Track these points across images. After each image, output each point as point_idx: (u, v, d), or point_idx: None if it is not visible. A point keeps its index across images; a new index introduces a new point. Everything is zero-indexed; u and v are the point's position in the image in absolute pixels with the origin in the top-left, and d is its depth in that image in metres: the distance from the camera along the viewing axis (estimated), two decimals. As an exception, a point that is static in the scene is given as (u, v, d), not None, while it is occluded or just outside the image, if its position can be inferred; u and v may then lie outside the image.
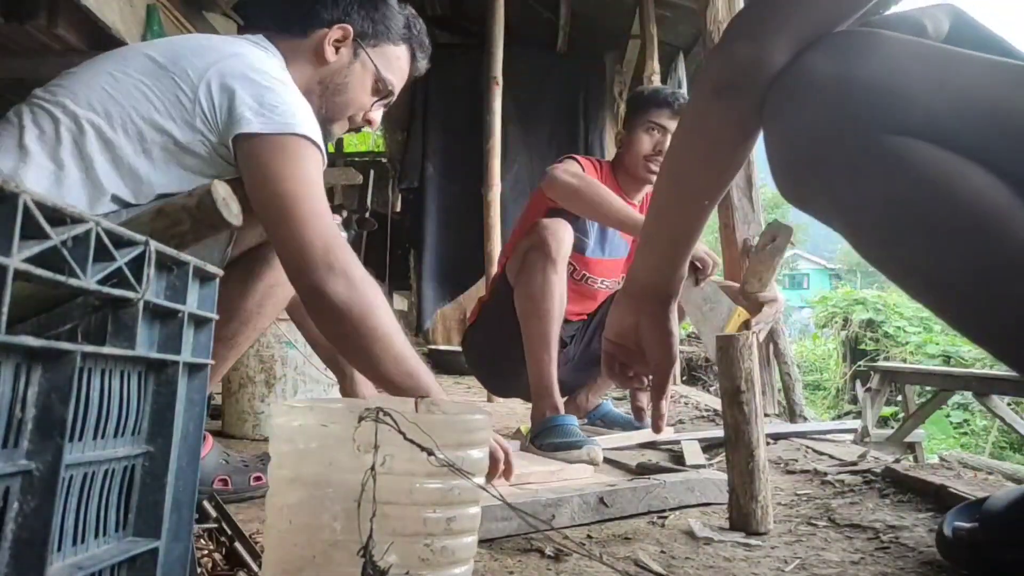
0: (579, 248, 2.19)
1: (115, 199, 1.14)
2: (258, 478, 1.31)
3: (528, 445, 1.82)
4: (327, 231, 1.09)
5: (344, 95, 1.37)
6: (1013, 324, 0.66)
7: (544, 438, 1.77)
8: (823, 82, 0.69)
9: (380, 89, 1.40)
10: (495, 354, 2.13)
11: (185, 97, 1.14)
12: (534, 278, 1.90)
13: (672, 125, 2.19)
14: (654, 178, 2.19)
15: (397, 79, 1.42)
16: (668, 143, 2.12)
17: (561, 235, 1.93)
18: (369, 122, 1.43)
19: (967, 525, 0.91)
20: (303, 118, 1.16)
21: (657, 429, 0.97)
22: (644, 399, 0.92)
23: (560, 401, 1.90)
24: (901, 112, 0.66)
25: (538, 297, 1.89)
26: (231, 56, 1.18)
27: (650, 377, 0.95)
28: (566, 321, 2.26)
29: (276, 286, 1.32)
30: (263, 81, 1.16)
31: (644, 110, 2.22)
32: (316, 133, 1.17)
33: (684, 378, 4.55)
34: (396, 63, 1.41)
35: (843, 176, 0.69)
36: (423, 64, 1.47)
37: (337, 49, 1.35)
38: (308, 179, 1.12)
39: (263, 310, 1.33)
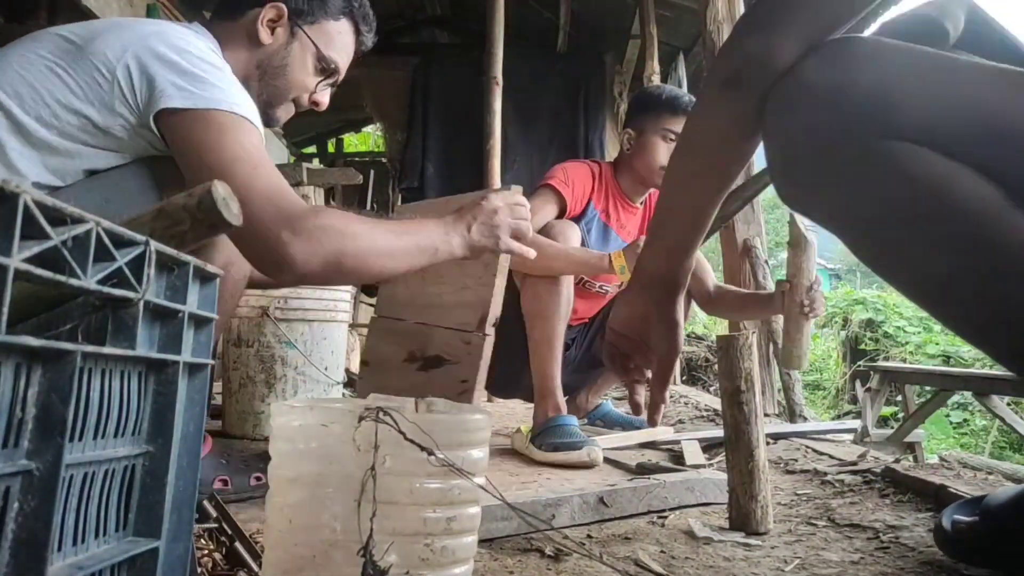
0: None
1: (37, 185, 1.09)
2: (258, 478, 1.30)
3: (528, 445, 1.83)
4: (270, 188, 1.03)
5: (284, 78, 1.31)
6: (1006, 325, 0.68)
7: (545, 438, 1.78)
8: (820, 88, 0.70)
9: (323, 68, 1.33)
10: (498, 354, 2.14)
11: (103, 79, 1.09)
12: (541, 280, 1.91)
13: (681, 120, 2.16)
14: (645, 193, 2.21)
15: (341, 56, 1.35)
16: None
17: (570, 237, 1.95)
18: (316, 103, 1.36)
19: (967, 519, 0.91)
20: (232, 94, 1.10)
21: (653, 423, 0.97)
22: (642, 394, 0.92)
23: (563, 401, 1.91)
24: (896, 117, 0.67)
25: (544, 298, 1.90)
26: (151, 35, 1.13)
27: (651, 371, 0.95)
28: (569, 326, 2.27)
29: (229, 265, 1.25)
30: (184, 58, 1.10)
31: (659, 115, 2.14)
32: (248, 109, 1.11)
33: (684, 378, 4.55)
34: (338, 39, 1.34)
35: (839, 180, 0.70)
36: (369, 38, 1.39)
37: (272, 30, 1.28)
38: (243, 147, 1.05)
39: (221, 296, 1.30)
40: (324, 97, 1.37)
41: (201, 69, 1.09)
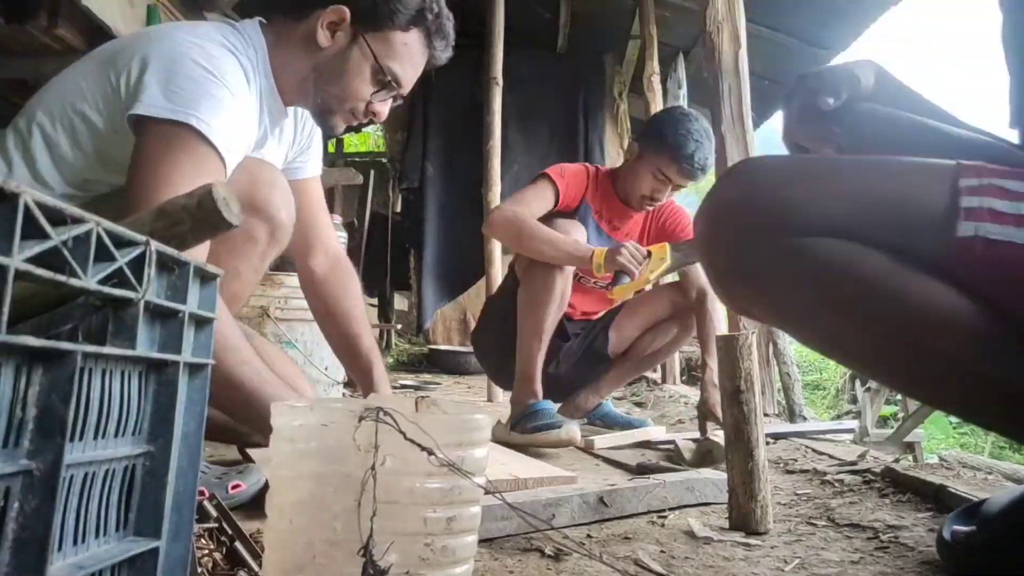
0: None
1: (61, 197, 1.10)
2: (236, 486, 1.28)
3: (509, 432, 1.89)
4: None
5: (338, 85, 1.25)
6: (928, 373, 0.77)
7: (524, 423, 1.86)
8: (730, 207, 0.80)
9: (381, 80, 1.26)
10: (502, 348, 2.17)
11: (109, 84, 1.10)
12: (538, 273, 1.99)
13: (678, 179, 2.14)
14: (643, 211, 2.25)
15: (403, 69, 1.27)
16: (665, 194, 2.16)
17: (572, 234, 2.01)
18: (374, 114, 1.30)
19: (965, 529, 0.91)
20: (207, 110, 1.07)
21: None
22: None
23: (539, 388, 1.99)
24: (797, 218, 0.76)
25: (539, 290, 1.98)
26: (163, 39, 1.12)
27: None
28: (571, 319, 2.29)
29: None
30: (182, 65, 1.08)
31: (659, 154, 2.13)
32: (220, 130, 1.08)
33: (684, 378, 4.56)
34: (403, 50, 1.26)
35: (762, 281, 0.80)
36: (442, 54, 1.31)
37: (333, 33, 1.23)
38: (171, 177, 1.03)
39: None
40: (383, 108, 1.31)
41: (190, 78, 1.07)
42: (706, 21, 3.41)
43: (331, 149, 8.38)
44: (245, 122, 1.19)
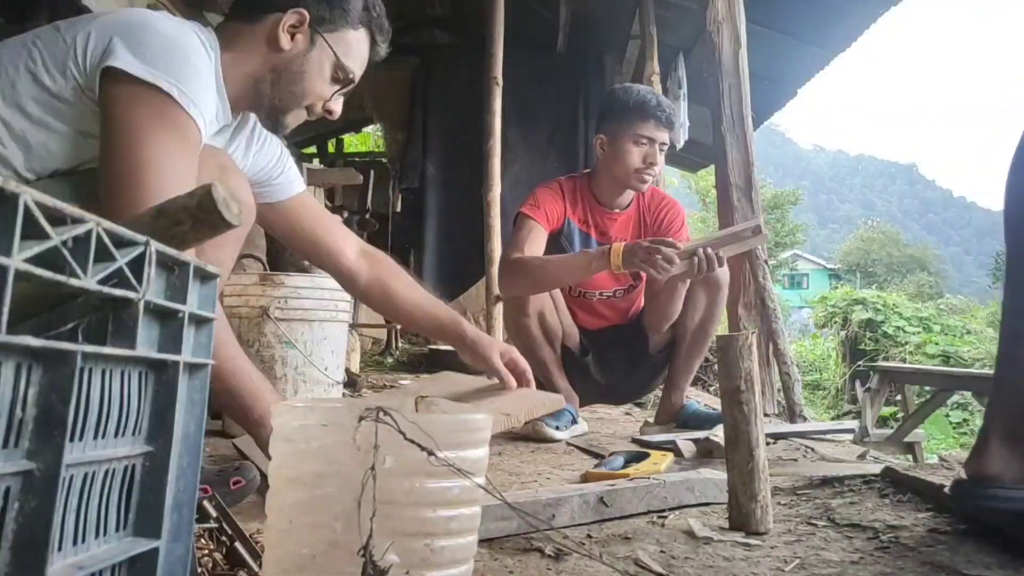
0: None
1: (15, 174, 1.07)
2: (237, 482, 1.26)
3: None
4: (138, 200, 0.99)
5: (300, 84, 1.28)
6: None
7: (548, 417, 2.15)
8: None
9: (340, 77, 1.31)
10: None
11: (63, 43, 1.07)
12: (512, 327, 2.30)
13: (659, 135, 2.18)
14: (645, 187, 2.24)
15: (357, 65, 1.33)
16: (658, 156, 2.18)
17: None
18: (329, 112, 1.34)
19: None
20: (186, 78, 1.05)
21: None
22: None
23: (566, 390, 2.25)
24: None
25: (523, 336, 2.24)
26: (123, 12, 1.11)
27: None
28: (585, 331, 2.31)
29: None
30: (148, 31, 1.06)
31: (629, 122, 2.19)
32: (199, 103, 1.07)
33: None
34: (356, 47, 1.31)
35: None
36: (383, 48, 1.37)
37: (292, 35, 1.25)
38: (156, 155, 1.01)
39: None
40: (337, 105, 1.35)
41: (161, 47, 1.05)
42: (706, 21, 3.42)
43: (331, 149, 8.39)
44: (214, 100, 1.17)
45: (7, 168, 1.07)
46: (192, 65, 1.08)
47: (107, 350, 0.46)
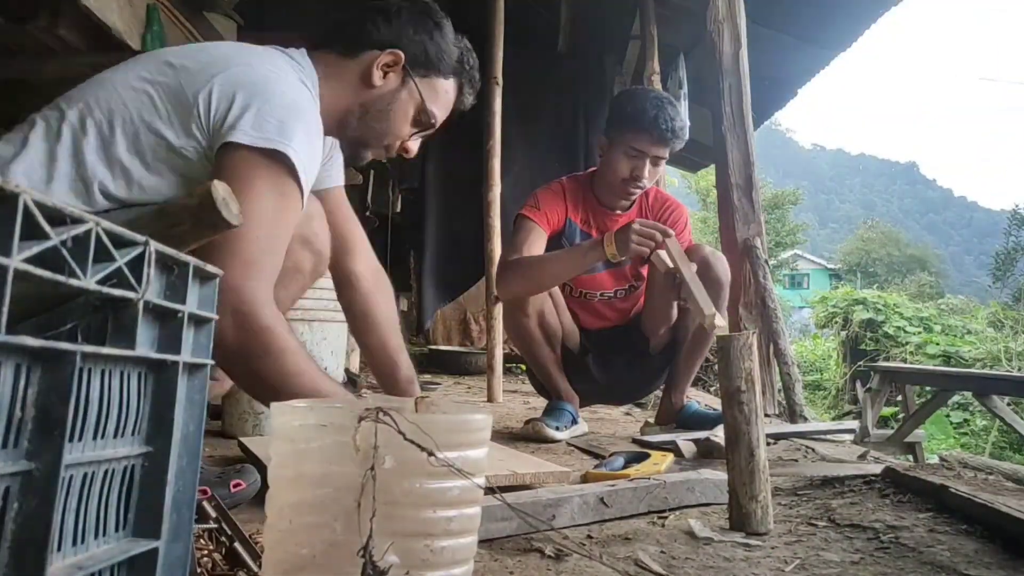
0: None
1: (104, 192, 1.09)
2: (237, 484, 1.26)
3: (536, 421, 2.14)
4: (255, 259, 1.02)
5: (384, 122, 1.31)
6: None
7: (544, 414, 2.21)
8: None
9: (422, 121, 1.34)
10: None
11: (186, 101, 1.10)
12: (511, 328, 2.30)
13: (653, 149, 2.12)
14: (629, 200, 2.24)
15: (441, 113, 1.36)
16: (646, 171, 2.15)
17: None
18: (405, 151, 1.37)
19: None
20: (299, 142, 1.09)
21: None
22: None
23: (562, 389, 2.30)
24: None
25: (521, 336, 2.26)
26: (242, 65, 1.13)
27: None
28: (586, 331, 2.31)
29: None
30: (272, 95, 1.09)
31: (623, 130, 2.14)
32: (305, 163, 1.10)
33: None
34: (443, 96, 1.35)
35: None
36: (469, 99, 1.41)
37: (385, 74, 1.28)
38: (266, 202, 1.04)
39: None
40: (414, 146, 1.38)
41: (283, 115, 1.08)
42: (706, 21, 3.42)
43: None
44: (318, 155, 1.21)
45: (111, 200, 1.09)
46: (308, 132, 1.12)
47: (106, 350, 0.46)
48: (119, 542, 0.50)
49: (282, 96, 1.11)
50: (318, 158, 1.20)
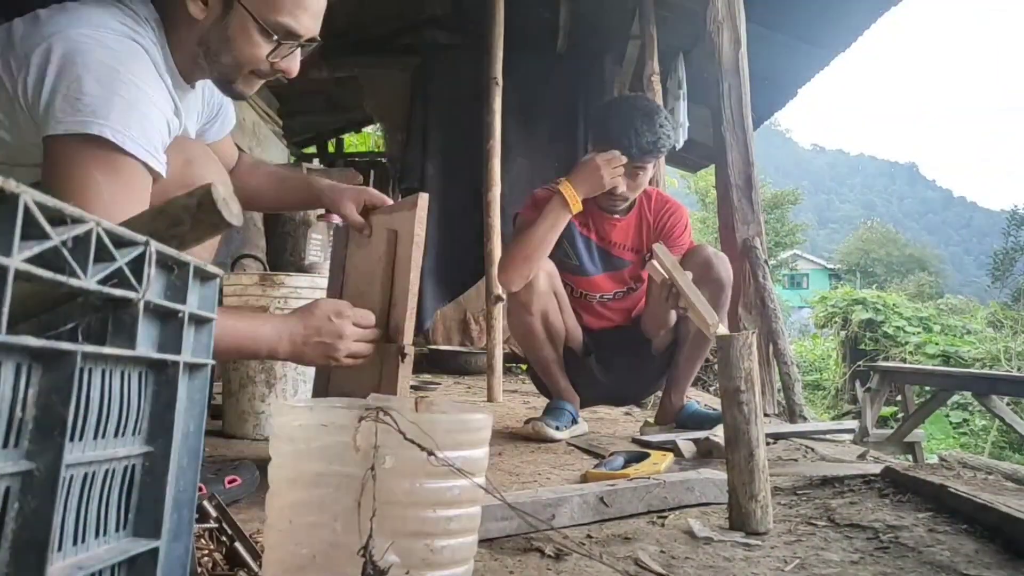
0: (569, 269, 2.29)
1: None
2: (232, 480, 1.26)
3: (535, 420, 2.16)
4: None
5: (229, 54, 1.17)
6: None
7: (544, 413, 2.23)
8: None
9: (277, 36, 1.16)
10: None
11: (5, 91, 1.03)
12: (515, 324, 2.28)
13: (633, 164, 2.09)
14: (618, 209, 2.22)
15: (293, 17, 1.16)
16: (632, 185, 2.14)
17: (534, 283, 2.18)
18: (283, 71, 1.21)
19: None
20: (118, 115, 1.00)
21: None
22: None
23: (563, 388, 2.31)
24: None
25: (524, 332, 2.25)
26: (55, 36, 1.02)
27: None
28: (588, 331, 2.31)
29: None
30: (84, 68, 1.00)
31: (607, 148, 2.10)
32: (137, 135, 1.02)
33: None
34: (287, 1, 1.15)
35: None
36: None
37: (206, 2, 1.14)
38: (85, 198, 0.97)
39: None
40: (292, 64, 1.22)
41: (95, 87, 1.00)
42: (706, 21, 3.42)
43: (331, 149, 8.39)
44: (162, 114, 1.12)
45: None
46: (127, 99, 1.02)
47: (107, 350, 0.46)
48: (119, 542, 0.50)
49: (97, 66, 1.01)
50: (155, 113, 1.08)
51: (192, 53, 1.18)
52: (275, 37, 1.16)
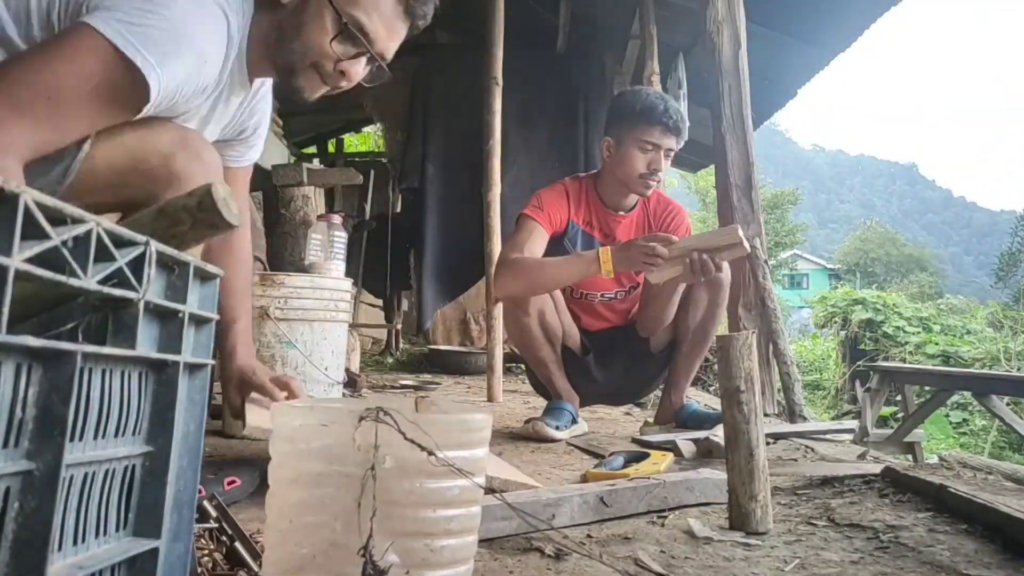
0: None
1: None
2: (231, 481, 1.25)
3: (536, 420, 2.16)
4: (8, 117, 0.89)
5: (298, 40, 1.16)
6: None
7: (543, 413, 2.23)
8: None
9: (346, 32, 1.16)
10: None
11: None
12: (512, 324, 2.28)
13: (665, 141, 2.16)
14: (649, 192, 2.23)
15: (371, 19, 1.17)
16: (662, 163, 2.18)
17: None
18: (343, 73, 1.20)
19: None
20: (170, 67, 0.97)
21: None
22: None
23: (562, 390, 2.30)
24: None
25: (521, 333, 2.26)
26: None
27: None
28: (586, 331, 2.31)
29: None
30: (155, 8, 0.98)
31: (635, 126, 2.17)
32: (167, 88, 0.99)
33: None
34: (368, 1, 1.17)
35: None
36: (422, 7, 1.22)
37: None
38: (75, 75, 0.92)
39: None
40: (354, 68, 1.21)
41: (166, 22, 0.98)
42: (706, 21, 3.42)
43: (331, 149, 8.40)
44: (200, 69, 1.08)
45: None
46: (182, 56, 1.01)
47: (107, 350, 0.46)
48: (120, 542, 0.50)
49: (181, 12, 0.99)
50: (194, 62, 1.05)
51: (266, 37, 1.18)
52: (346, 32, 1.16)
